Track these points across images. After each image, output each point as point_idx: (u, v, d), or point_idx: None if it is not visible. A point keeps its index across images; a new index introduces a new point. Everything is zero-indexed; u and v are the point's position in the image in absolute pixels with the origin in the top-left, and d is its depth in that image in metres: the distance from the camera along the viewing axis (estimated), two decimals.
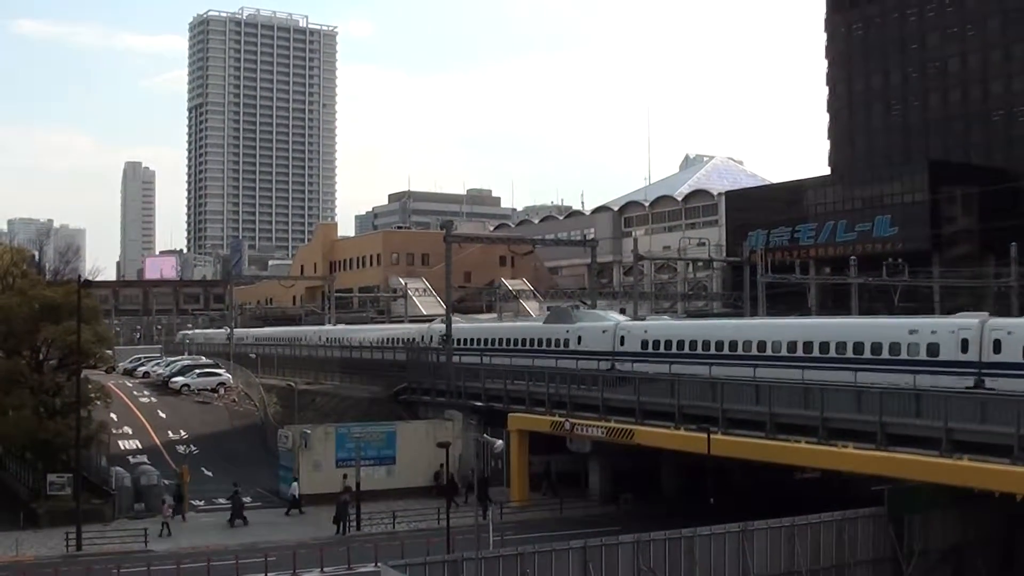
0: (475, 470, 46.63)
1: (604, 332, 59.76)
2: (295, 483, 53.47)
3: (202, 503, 54.20)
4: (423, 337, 78.41)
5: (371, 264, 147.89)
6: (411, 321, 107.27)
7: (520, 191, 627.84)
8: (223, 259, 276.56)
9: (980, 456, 33.82)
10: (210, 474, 60.07)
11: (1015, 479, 32.22)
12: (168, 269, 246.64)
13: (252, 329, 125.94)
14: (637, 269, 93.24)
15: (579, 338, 61.30)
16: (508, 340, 68.99)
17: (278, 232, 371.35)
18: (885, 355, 43.94)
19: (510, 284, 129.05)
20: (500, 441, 43.25)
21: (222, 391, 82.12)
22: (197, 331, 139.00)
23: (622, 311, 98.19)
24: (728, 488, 49.64)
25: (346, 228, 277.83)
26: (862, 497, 36.50)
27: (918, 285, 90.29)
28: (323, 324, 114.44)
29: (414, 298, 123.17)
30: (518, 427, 53.80)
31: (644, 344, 56.60)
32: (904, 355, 43.19)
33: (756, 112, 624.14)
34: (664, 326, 59.05)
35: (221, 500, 54.06)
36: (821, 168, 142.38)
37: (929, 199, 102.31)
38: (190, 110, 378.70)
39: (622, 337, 58.30)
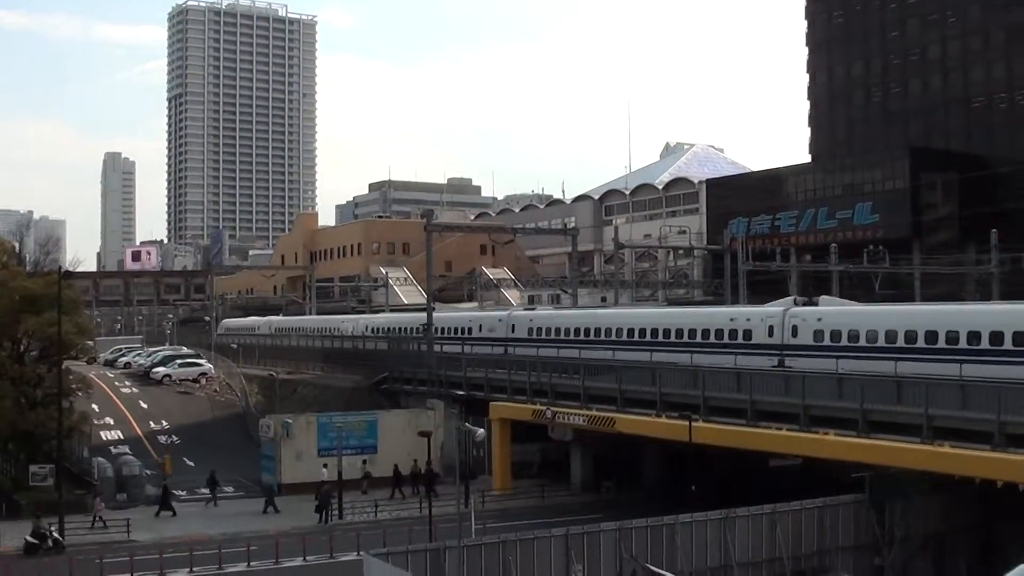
0: (458, 459, 46.70)
1: (500, 320, 67.86)
2: (267, 475, 53.44)
3: (184, 493, 54.02)
4: (504, 324, 68.35)
5: (352, 254, 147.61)
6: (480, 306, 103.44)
7: (501, 180, 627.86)
8: (204, 249, 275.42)
9: (961, 443, 33.93)
10: (192, 464, 59.90)
11: (996, 466, 32.34)
12: (149, 260, 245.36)
13: (278, 317, 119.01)
14: (618, 257, 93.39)
15: (480, 326, 69.41)
16: (443, 329, 73.68)
17: (258, 222, 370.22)
18: (712, 339, 51.58)
19: (491, 273, 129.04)
20: (482, 430, 43.25)
21: (203, 381, 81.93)
22: (237, 320, 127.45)
23: (603, 299, 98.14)
24: (710, 476, 49.68)
25: (326, 218, 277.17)
26: (844, 484, 36.65)
27: (899, 272, 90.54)
28: (346, 312, 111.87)
29: (395, 287, 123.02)
30: (500, 416, 53.82)
31: (530, 331, 64.54)
32: (726, 339, 50.80)
33: (737, 100, 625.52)
34: (545, 315, 67.76)
35: (203, 490, 53.89)
36: (802, 156, 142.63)
37: (910, 186, 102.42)
38: (169, 100, 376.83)
39: (512, 325, 65.89)
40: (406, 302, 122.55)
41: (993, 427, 33.00)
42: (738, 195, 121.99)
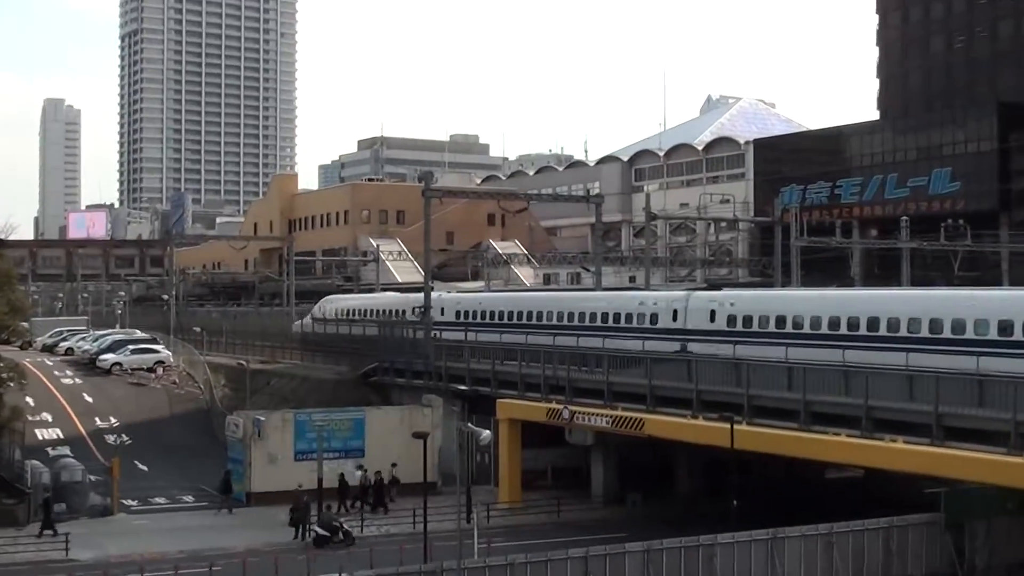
0: (459, 465, 46.66)
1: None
2: (235, 481, 53.55)
3: (135, 503, 54.10)
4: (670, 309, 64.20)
5: (337, 222, 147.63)
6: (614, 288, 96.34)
7: (512, 138, 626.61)
8: (162, 215, 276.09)
9: None
10: (145, 468, 59.98)
11: None
12: (97, 227, 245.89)
13: (346, 296, 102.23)
14: (649, 230, 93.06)
15: (414, 309, 73.66)
16: (374, 311, 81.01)
17: (227, 184, 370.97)
18: (622, 323, 58.52)
19: (500, 247, 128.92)
20: (487, 432, 43.14)
21: (160, 371, 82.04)
22: (350, 296, 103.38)
23: (631, 279, 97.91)
24: (754, 488, 49.65)
25: (308, 180, 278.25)
26: (914, 501, 36.54)
27: (983, 251, 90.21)
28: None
29: (387, 263, 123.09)
30: (509, 415, 53.78)
31: (457, 314, 71.12)
32: (635, 324, 57.59)
33: (791, 46, 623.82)
34: (471, 299, 75.02)
35: (159, 499, 53.94)
36: (868, 112, 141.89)
37: (998, 148, 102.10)
38: (123, 38, 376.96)
39: (442, 308, 71.15)
40: (399, 280, 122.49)
41: None
42: (791, 158, 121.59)
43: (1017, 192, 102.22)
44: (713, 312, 53.65)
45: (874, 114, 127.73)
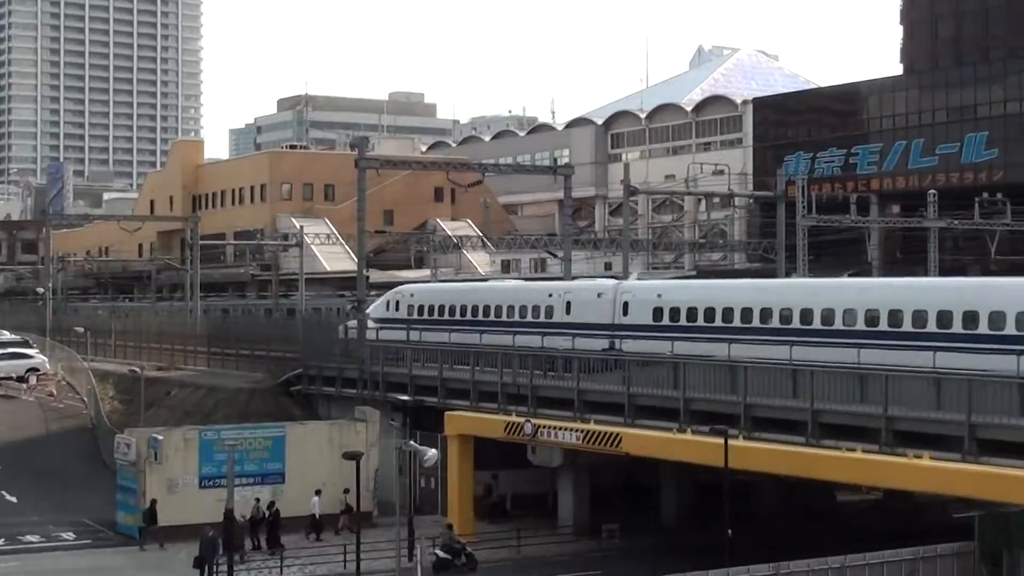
0: (399, 491, 46.55)
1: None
2: (123, 513, 53.21)
3: (1, 541, 53.70)
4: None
5: (252, 199, 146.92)
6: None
7: (465, 97, 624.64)
8: (36, 191, 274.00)
9: None
10: (13, 499, 59.60)
11: None
12: None
13: (437, 285, 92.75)
14: (628, 207, 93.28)
15: (567, 303, 70.92)
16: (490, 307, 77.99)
17: (117, 154, 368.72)
18: (529, 318, 62.16)
19: (449, 228, 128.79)
20: (433, 451, 43.19)
21: (33, 380, 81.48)
22: (443, 286, 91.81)
23: (607, 266, 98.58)
24: (753, 514, 49.91)
25: (216, 147, 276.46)
26: (943, 527, 36.89)
27: None
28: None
29: (313, 247, 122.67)
30: (459, 430, 53.79)
31: (421, 310, 71.80)
32: (542, 317, 61.52)
33: None
34: (450, 290, 77.65)
35: (31, 537, 53.58)
36: (889, 66, 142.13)
37: None
38: None
39: (420, 304, 72.06)
40: (327, 268, 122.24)
41: None
42: (798, 120, 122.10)
43: None
44: (627, 304, 57.35)
45: (897, 68, 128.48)
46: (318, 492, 54.05)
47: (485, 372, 56.33)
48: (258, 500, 53.65)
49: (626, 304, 57.63)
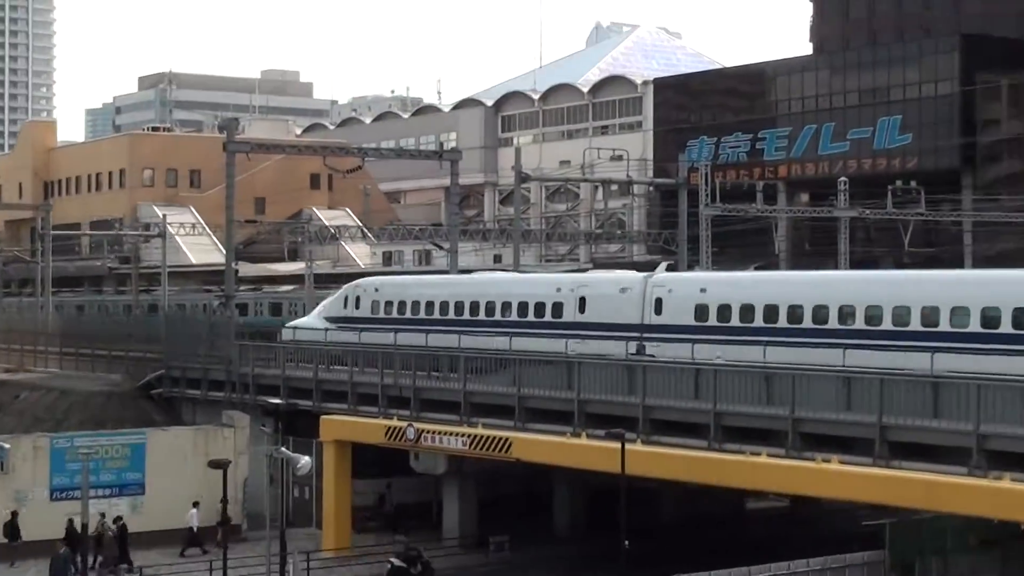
0: (270, 502, 46.18)
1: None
2: (14, 515, 52.52)
3: None
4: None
5: (110, 185, 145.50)
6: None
7: (344, 76, 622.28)
8: None
9: None
10: None
11: None
12: None
13: (413, 279, 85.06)
14: (520, 195, 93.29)
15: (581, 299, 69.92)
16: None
17: None
18: (531, 316, 58.32)
19: (326, 217, 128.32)
20: (307, 458, 42.95)
21: None
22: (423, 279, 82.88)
23: (496, 259, 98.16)
24: (653, 523, 50.11)
25: (71, 129, 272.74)
26: (852, 534, 37.24)
27: (941, 220, 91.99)
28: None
29: (177, 238, 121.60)
30: (335, 436, 53.50)
31: (390, 306, 68.42)
32: (549, 316, 57.65)
33: None
34: (422, 284, 72.81)
35: None
36: (799, 46, 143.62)
37: (960, 92, 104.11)
38: None
39: (383, 300, 68.34)
40: (193, 260, 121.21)
41: None
42: (701, 103, 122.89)
43: (984, 148, 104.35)
44: (660, 302, 53.50)
45: (806, 48, 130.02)
46: (196, 504, 53.33)
47: (365, 373, 55.97)
48: (103, 515, 52.63)
49: (659, 301, 53.17)
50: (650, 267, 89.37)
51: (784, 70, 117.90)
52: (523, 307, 59.58)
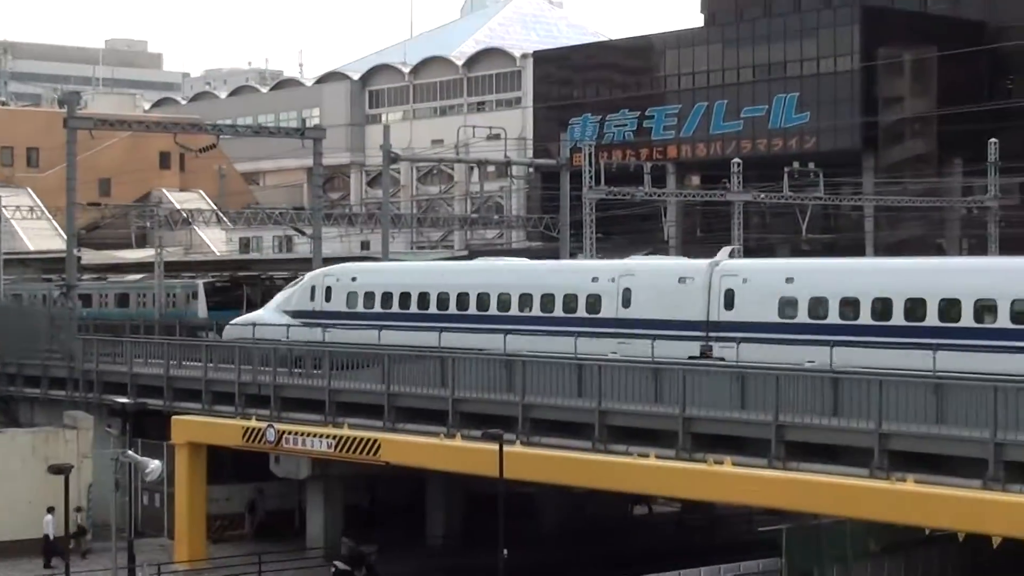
0: (116, 510, 45.78)
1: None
2: None
3: None
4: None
5: None
6: None
7: (197, 46, 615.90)
8: None
9: (934, 476, 34.85)
10: None
11: (990, 513, 33.22)
12: None
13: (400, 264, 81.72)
14: (388, 176, 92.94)
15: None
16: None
17: None
18: (581, 312, 51.90)
19: (177, 200, 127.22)
20: (157, 462, 42.60)
21: None
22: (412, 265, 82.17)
23: (364, 245, 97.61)
24: (534, 532, 50.22)
25: None
26: (748, 541, 37.53)
27: (840, 205, 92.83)
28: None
29: (13, 222, 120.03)
30: (189, 438, 53.10)
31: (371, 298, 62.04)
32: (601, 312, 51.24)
33: None
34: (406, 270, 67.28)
35: None
36: (689, 17, 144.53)
37: (860, 68, 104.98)
38: None
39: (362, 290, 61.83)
40: (30, 246, 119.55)
41: (985, 451, 34.01)
42: (585, 78, 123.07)
43: (886, 127, 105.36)
44: (731, 294, 48.22)
45: (697, 19, 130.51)
46: (51, 510, 52.30)
47: (220, 369, 55.49)
48: (79, 514, 52.28)
49: (730, 293, 47.73)
50: (530, 254, 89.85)
51: (673, 43, 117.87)
52: (548, 300, 53.56)
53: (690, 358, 45.91)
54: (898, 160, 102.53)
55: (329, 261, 71.55)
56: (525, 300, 54.03)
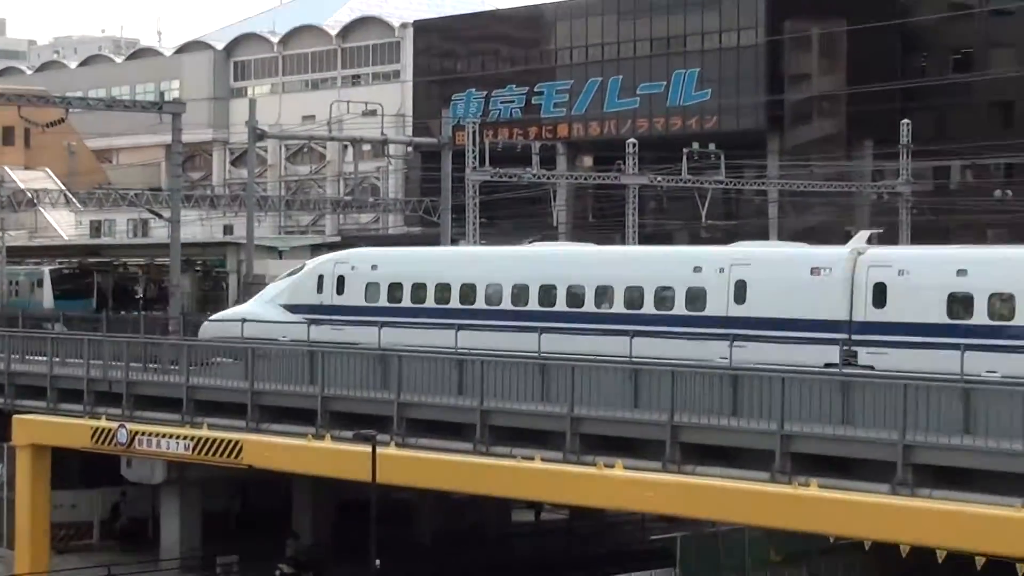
0: None
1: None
2: None
3: None
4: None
5: None
6: None
7: (44, 11, 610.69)
8: None
9: (840, 480, 35.14)
10: None
11: (898, 520, 33.55)
12: None
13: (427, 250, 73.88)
14: (255, 155, 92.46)
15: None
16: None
17: None
18: (679, 308, 46.91)
19: (22, 179, 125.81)
20: None
21: None
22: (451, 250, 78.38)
23: (227, 229, 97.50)
24: (409, 540, 50.19)
25: None
26: (640, 550, 37.71)
27: (743, 189, 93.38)
28: None
29: None
30: (32, 439, 52.46)
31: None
32: (706, 310, 46.34)
33: None
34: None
35: None
36: None
37: (766, 43, 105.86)
38: None
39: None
40: None
41: (893, 453, 34.38)
42: (469, 50, 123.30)
43: (792, 106, 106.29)
44: (883, 288, 43.27)
45: None
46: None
47: (67, 364, 54.95)
48: None
49: (880, 288, 42.94)
50: (409, 240, 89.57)
51: (565, 13, 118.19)
52: (634, 294, 48.55)
53: (826, 365, 41.57)
54: (805, 141, 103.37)
55: (189, 247, 71.09)
56: (603, 293, 49.27)
